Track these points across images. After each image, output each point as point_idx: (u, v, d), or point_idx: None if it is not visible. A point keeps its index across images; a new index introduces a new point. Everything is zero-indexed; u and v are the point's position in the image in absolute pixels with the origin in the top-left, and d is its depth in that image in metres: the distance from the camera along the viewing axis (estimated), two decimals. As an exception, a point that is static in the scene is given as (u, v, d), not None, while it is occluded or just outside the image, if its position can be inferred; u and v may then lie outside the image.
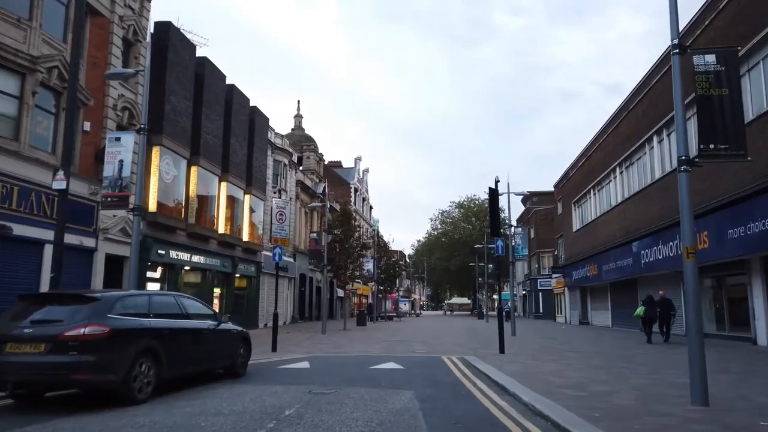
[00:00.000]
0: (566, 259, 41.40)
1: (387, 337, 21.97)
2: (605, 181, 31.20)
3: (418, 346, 16.95)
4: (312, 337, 22.54)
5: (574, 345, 18.08)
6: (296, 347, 16.75)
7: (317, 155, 45.83)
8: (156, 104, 20.38)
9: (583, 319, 37.82)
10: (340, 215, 30.31)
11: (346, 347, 16.67)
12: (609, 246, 29.57)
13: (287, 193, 36.67)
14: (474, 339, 21.03)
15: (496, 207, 14.64)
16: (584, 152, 35.63)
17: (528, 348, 16.51)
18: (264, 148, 31.53)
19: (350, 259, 30.03)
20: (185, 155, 22.21)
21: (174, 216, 21.52)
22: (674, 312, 18.96)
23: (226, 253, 26.52)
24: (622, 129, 27.72)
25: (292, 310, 38.31)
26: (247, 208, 29.01)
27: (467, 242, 71.99)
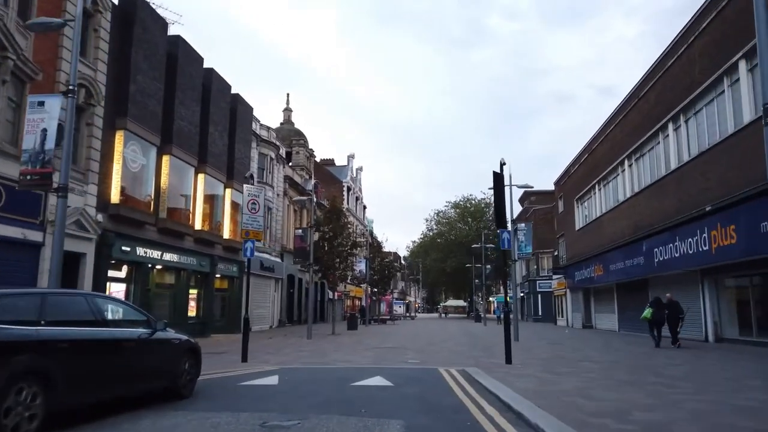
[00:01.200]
0: (568, 259, 39.48)
1: (378, 343, 19.91)
2: (612, 175, 29.27)
3: (411, 355, 14.90)
4: (296, 343, 20.47)
5: (586, 352, 16.07)
6: (272, 356, 14.67)
7: (307, 150, 43.78)
8: (120, 83, 18.33)
9: (587, 322, 35.87)
10: (328, 211, 28.26)
11: (330, 356, 14.61)
12: (616, 244, 27.63)
13: (274, 189, 34.58)
14: (474, 345, 19.01)
15: (501, 194, 12.64)
16: (588, 146, 33.72)
17: (536, 356, 14.50)
18: (248, 140, 29.46)
19: (340, 258, 27.96)
20: (155, 142, 20.12)
21: (141, 209, 19.42)
22: (683, 314, 18.00)
23: (203, 251, 24.42)
24: (632, 118, 25.80)
25: (280, 313, 36.20)
26: (228, 203, 26.92)
27: (463, 243, 69.99)
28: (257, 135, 31.94)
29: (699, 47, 19.37)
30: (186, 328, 23.50)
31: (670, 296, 18.40)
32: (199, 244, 24.02)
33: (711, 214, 17.80)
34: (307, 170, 43.25)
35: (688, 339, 20.64)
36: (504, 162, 12.80)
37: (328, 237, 27.71)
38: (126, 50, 18.49)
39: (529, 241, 22.69)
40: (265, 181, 32.94)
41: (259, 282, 32.29)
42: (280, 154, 35.92)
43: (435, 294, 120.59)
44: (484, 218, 72.85)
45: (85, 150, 16.76)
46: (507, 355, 12.39)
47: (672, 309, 17.80)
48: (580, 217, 36.49)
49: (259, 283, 32.17)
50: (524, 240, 22.54)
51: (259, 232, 13.82)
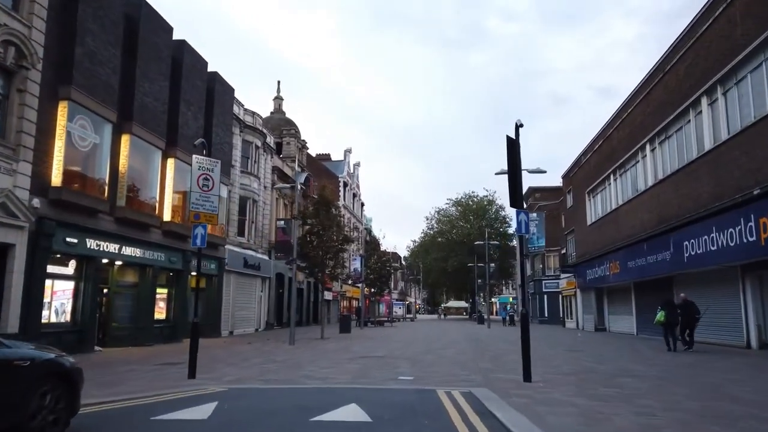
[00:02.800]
0: (578, 257, 36.67)
1: (368, 350, 17.16)
2: (631, 162, 26.48)
3: (404, 367, 12.13)
4: (274, 350, 17.72)
5: (617, 363, 13.31)
6: (233, 369, 11.93)
7: (299, 141, 41.03)
8: (63, 45, 15.59)
9: (600, 324, 33.09)
10: (316, 202, 25.51)
11: (304, 369, 11.85)
12: (636, 239, 24.85)
13: (260, 180, 31.85)
14: (480, 353, 16.24)
15: (516, 164, 9.92)
16: (602, 132, 30.95)
17: (558, 369, 11.75)
18: (228, 124, 26.72)
19: (329, 254, 25.22)
20: (110, 118, 17.38)
21: (93, 195, 16.69)
22: (699, 316, 16.84)
23: (174, 245, 21.68)
24: (656, 96, 23.03)
25: (267, 315, 33.46)
26: (205, 192, 24.13)
27: (465, 242, 67.25)
28: (240, 120, 29.20)
29: (741, 6, 16.63)
30: (152, 332, 20.85)
31: (684, 296, 17.20)
32: (170, 237, 21.29)
33: (759, 198, 15.06)
34: (298, 162, 40.51)
35: (726, 345, 17.92)
36: (521, 124, 10.03)
37: (316, 231, 24.97)
38: (72, 7, 15.76)
39: (542, 233, 19.94)
40: (249, 171, 30.22)
41: (243, 281, 29.57)
42: (268, 143, 33.18)
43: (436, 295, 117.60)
44: (487, 216, 70.13)
45: (16, 121, 14.03)
46: (525, 369, 9.64)
47: (687, 310, 16.67)
48: (592, 211, 33.70)
49: (242, 282, 29.46)
50: (536, 232, 19.76)
51: (213, 215, 11.08)
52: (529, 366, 9.63)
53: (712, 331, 19.78)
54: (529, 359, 9.65)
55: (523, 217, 10.03)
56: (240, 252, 28.68)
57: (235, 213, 28.57)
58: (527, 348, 9.65)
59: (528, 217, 10.12)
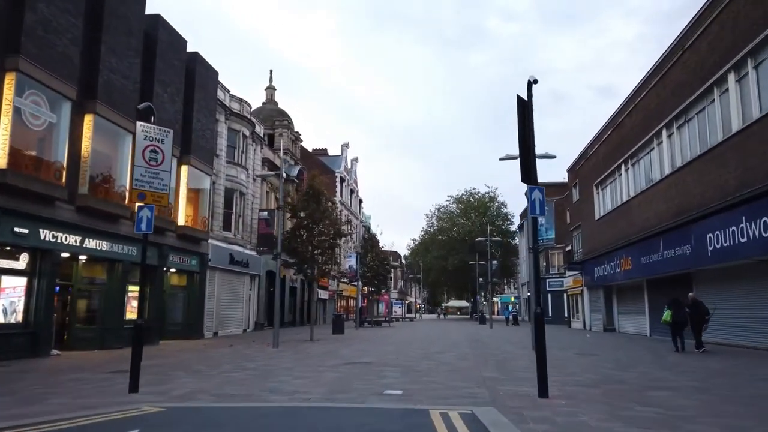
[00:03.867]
0: (585, 253, 34.81)
1: (357, 355, 15.31)
2: (645, 150, 24.60)
3: (394, 377, 10.26)
4: (252, 354, 15.88)
5: (640, 370, 11.46)
6: (191, 379, 10.09)
7: (292, 133, 39.18)
8: (10, 9, 13.76)
9: (608, 325, 31.22)
10: (306, 193, 23.66)
11: (275, 378, 10.01)
12: (651, 233, 23.01)
13: (249, 172, 30.02)
14: (484, 358, 14.38)
15: (528, 129, 8.09)
16: (612, 120, 29.08)
17: (577, 379, 9.90)
18: (211, 109, 24.87)
19: (319, 249, 23.37)
20: (69, 95, 15.55)
21: (47, 180, 14.86)
22: (709, 316, 16.20)
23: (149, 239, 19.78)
24: (674, 77, 21.16)
25: (256, 315, 31.63)
26: (184, 183, 22.33)
27: (466, 240, 65.39)
28: (226, 107, 27.35)
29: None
30: (121, 334, 18.99)
31: (693, 295, 16.66)
32: (142, 230, 19.42)
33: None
34: (291, 154, 38.65)
35: (755, 348, 16.07)
36: (534, 80, 8.18)
37: (306, 224, 23.11)
38: (20, -33, 13.93)
39: (551, 224, 18.10)
40: (237, 161, 28.38)
41: (229, 278, 27.74)
42: (257, 132, 31.33)
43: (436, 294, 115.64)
44: (489, 213, 68.26)
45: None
46: (541, 382, 7.79)
47: (696, 310, 16.11)
48: (600, 205, 31.83)
49: (228, 279, 27.62)
50: (545, 223, 17.86)
51: (163, 194, 9.21)
52: (546, 377, 7.78)
53: (732, 331, 17.99)
54: (546, 369, 7.80)
55: (537, 194, 8.19)
56: (226, 247, 26.85)
57: (221, 206, 26.73)
58: (543, 356, 7.80)
59: (543, 195, 8.28)
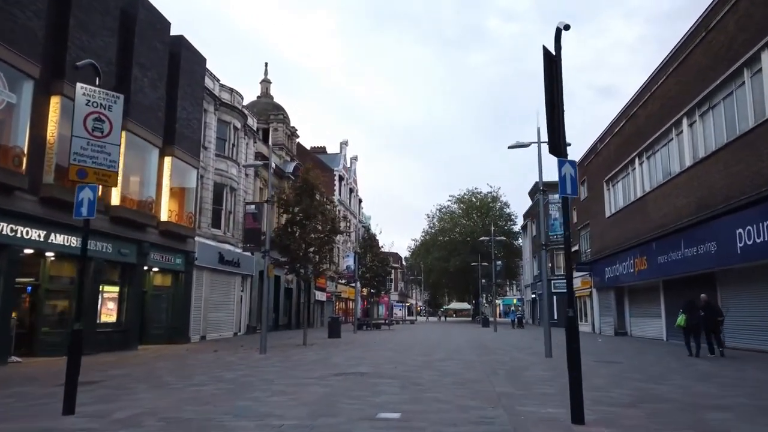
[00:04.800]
0: (594, 253, 33.21)
1: (350, 363, 13.70)
2: (662, 141, 23.00)
3: (390, 393, 8.63)
4: (234, 362, 14.27)
5: (677, 382, 9.85)
6: (150, 393, 8.49)
7: (288, 128, 37.61)
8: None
9: (620, 328, 29.58)
10: (298, 187, 22.06)
11: (248, 395, 8.41)
12: (669, 230, 21.41)
13: (240, 167, 28.45)
14: (493, 367, 12.76)
15: (556, 85, 6.52)
16: (624, 111, 27.48)
17: (609, 395, 8.29)
18: (198, 98, 23.29)
19: (313, 247, 21.77)
20: (31, 73, 14.00)
21: (5, 167, 13.29)
22: (722, 318, 15.73)
23: (126, 235, 18.26)
24: (696, 60, 19.57)
25: (249, 317, 30.01)
26: (167, 174, 20.75)
27: (468, 241, 63.80)
28: (216, 97, 25.78)
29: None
30: (94, 339, 17.36)
31: (705, 297, 15.89)
32: (119, 225, 17.87)
33: None
34: (287, 150, 37.08)
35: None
36: (566, 26, 6.60)
37: (298, 220, 21.51)
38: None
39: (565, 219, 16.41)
40: (227, 155, 26.81)
41: (219, 279, 26.15)
42: (249, 125, 29.77)
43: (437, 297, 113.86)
44: (491, 213, 66.62)
45: None
46: (576, 405, 6.17)
47: (708, 312, 15.48)
48: (611, 202, 30.23)
49: (218, 280, 26.03)
50: (559, 216, 16.24)
51: (110, 172, 7.62)
52: (582, 400, 6.17)
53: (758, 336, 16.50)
54: (581, 390, 6.19)
55: (567, 169, 6.61)
56: (215, 246, 25.26)
57: (209, 201, 25.15)
58: (578, 374, 6.17)
59: (575, 170, 6.69)
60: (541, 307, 52.53)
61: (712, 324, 15.40)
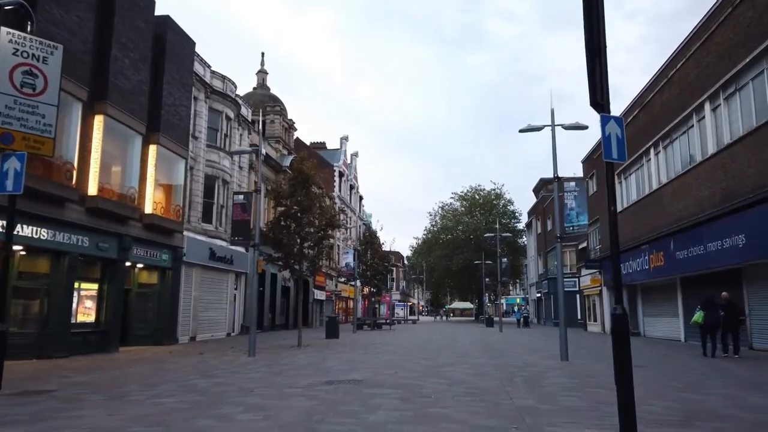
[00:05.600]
0: (604, 250, 31.77)
1: (345, 368, 12.30)
2: (681, 128, 21.54)
3: (388, 409, 7.20)
4: (215, 366, 12.88)
5: (720, 390, 8.44)
6: (101, 408, 7.11)
7: (285, 120, 36.21)
8: None
9: (633, 328, 28.10)
10: (292, 177, 20.66)
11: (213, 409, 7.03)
12: (689, 222, 19.96)
13: (234, 159, 27.07)
14: (509, 374, 11.35)
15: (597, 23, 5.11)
16: (638, 99, 26.02)
17: (656, 413, 6.91)
18: (186, 84, 21.90)
19: (309, 242, 20.37)
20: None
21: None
22: (743, 317, 15.33)
23: (105, 228, 16.88)
24: (722, 38, 18.11)
25: (243, 318, 28.60)
26: (152, 164, 19.37)
27: (471, 239, 62.34)
28: (207, 84, 24.39)
29: None
30: (68, 340, 15.86)
31: (726, 295, 15.25)
32: (97, 216, 16.48)
33: None
34: (284, 143, 35.67)
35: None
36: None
37: (292, 213, 20.11)
38: None
39: (584, 208, 15.04)
40: (219, 146, 25.42)
41: (210, 276, 24.76)
42: (243, 115, 28.39)
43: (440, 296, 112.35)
44: (495, 211, 65.10)
45: None
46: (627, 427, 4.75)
47: (729, 311, 14.84)
48: (623, 196, 28.77)
49: (209, 277, 24.65)
50: (576, 206, 14.86)
51: (45, 138, 6.22)
52: (634, 420, 4.76)
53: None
54: (633, 407, 4.77)
55: (613, 127, 5.21)
56: (205, 241, 23.87)
57: (200, 194, 23.76)
58: (628, 387, 4.76)
59: (622, 129, 5.28)
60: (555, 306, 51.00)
61: (733, 323, 14.82)
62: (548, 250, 52.41)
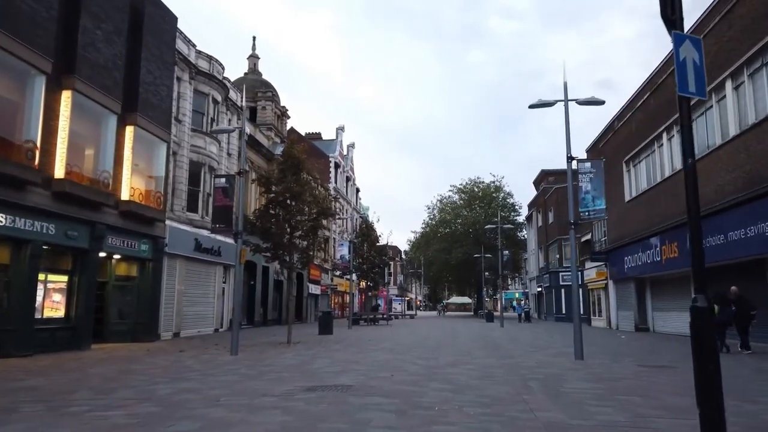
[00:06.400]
0: (611, 241, 30.42)
1: (333, 371, 10.90)
2: (698, 110, 20.07)
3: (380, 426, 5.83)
4: (189, 367, 11.49)
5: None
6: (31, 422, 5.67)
7: (277, 107, 34.68)
8: None
9: (641, 323, 26.87)
10: (282, 162, 19.20)
11: (166, 421, 5.64)
12: (708, 210, 18.53)
13: (221, 145, 25.60)
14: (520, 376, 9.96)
15: None
16: (649, 81, 24.59)
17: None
18: (167, 62, 20.38)
19: (300, 231, 18.95)
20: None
21: None
22: (755, 312, 14.55)
23: (74, 214, 15.43)
24: (746, 9, 16.69)
25: (232, 312, 27.12)
26: (129, 146, 17.88)
27: (470, 232, 60.99)
28: (191, 64, 22.87)
29: None
30: (32, 336, 14.26)
31: (736, 290, 14.68)
32: (65, 202, 15.01)
33: None
34: (276, 131, 34.16)
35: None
36: None
37: (281, 200, 18.66)
38: None
39: (600, 191, 13.60)
40: (206, 130, 23.93)
41: (196, 268, 23.35)
42: (232, 99, 26.89)
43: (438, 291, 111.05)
44: (494, 204, 63.69)
45: None
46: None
47: (740, 306, 14.43)
48: (632, 184, 27.40)
49: (195, 270, 23.24)
50: (592, 189, 13.42)
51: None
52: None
53: None
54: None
55: (689, 50, 3.78)
56: (190, 231, 22.43)
57: (184, 181, 22.29)
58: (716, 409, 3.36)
59: (700, 53, 3.85)
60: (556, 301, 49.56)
61: (744, 319, 14.44)
62: (549, 243, 51.10)
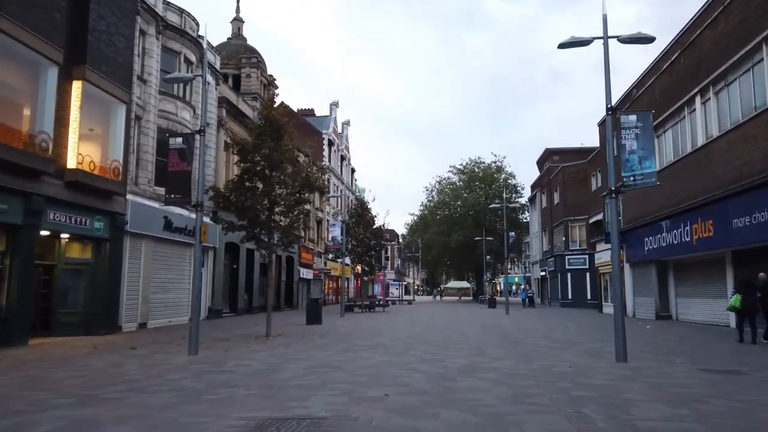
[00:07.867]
0: (627, 221, 27.86)
1: (305, 384, 8.30)
2: (739, 69, 17.37)
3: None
4: (129, 375, 8.89)
5: None
6: None
7: (264, 76, 31.76)
8: None
9: (663, 311, 24.43)
10: (259, 126, 16.47)
11: None
12: (755, 181, 15.96)
13: (196, 112, 22.80)
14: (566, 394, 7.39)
15: None
16: (678, 40, 21.76)
17: None
18: (127, 9, 17.49)
19: (281, 206, 16.28)
20: None
21: None
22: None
23: (3, 183, 12.71)
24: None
25: (211, 300, 24.60)
26: (76, 105, 15.09)
27: (470, 214, 58.44)
28: (157, 15, 19.98)
29: None
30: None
31: (764, 276, 13.64)
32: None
33: None
34: (262, 100, 31.32)
35: None
36: None
37: (258, 170, 15.95)
38: None
39: (650, 151, 10.92)
40: (177, 94, 21.12)
41: (166, 250, 20.69)
42: (211, 62, 24.01)
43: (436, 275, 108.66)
44: (495, 186, 61.02)
45: None
46: None
47: (766, 292, 13.37)
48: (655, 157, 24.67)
49: (164, 252, 20.58)
50: (638, 148, 10.74)
51: None
52: None
53: None
54: None
55: None
56: (158, 209, 19.69)
57: (150, 151, 19.53)
58: None
59: None
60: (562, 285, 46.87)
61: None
62: (555, 225, 48.53)
